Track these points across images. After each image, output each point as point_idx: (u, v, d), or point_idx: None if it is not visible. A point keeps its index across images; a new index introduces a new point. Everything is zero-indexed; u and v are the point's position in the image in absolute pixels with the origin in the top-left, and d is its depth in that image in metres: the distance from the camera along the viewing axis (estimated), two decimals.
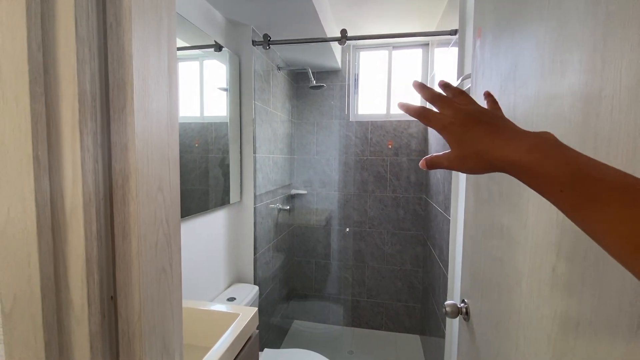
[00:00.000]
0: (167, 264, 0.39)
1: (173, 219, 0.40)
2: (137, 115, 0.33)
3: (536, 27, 0.57)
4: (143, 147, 0.34)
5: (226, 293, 1.51)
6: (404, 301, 2.40)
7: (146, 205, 0.35)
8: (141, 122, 0.34)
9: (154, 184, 0.36)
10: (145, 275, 0.35)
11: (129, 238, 0.34)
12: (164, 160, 0.37)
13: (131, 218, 0.34)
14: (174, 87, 0.40)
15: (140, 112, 0.34)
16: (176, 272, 0.41)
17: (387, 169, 2.36)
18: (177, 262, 0.41)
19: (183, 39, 1.32)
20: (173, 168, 0.40)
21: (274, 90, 1.97)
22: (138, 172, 0.34)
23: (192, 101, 1.44)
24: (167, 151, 0.38)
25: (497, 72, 0.73)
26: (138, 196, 0.34)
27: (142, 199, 0.34)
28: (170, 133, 0.39)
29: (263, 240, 1.83)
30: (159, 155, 0.36)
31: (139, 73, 0.33)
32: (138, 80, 0.33)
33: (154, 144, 0.36)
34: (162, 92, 0.37)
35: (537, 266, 0.55)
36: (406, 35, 1.54)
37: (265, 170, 1.84)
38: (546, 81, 0.53)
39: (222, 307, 0.95)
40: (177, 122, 0.41)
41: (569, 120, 0.47)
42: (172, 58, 0.39)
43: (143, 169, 0.34)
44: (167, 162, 0.38)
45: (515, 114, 0.64)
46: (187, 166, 1.40)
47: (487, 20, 0.81)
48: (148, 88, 0.35)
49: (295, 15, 1.49)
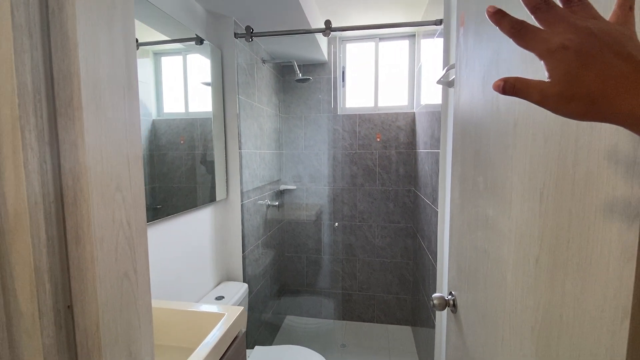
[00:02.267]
0: (131, 269, 0.36)
1: (136, 220, 0.37)
2: (86, 110, 0.30)
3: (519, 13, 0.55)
4: (95, 143, 0.31)
5: (214, 292, 1.49)
6: (395, 293, 2.42)
7: (102, 206, 0.32)
8: (92, 117, 0.31)
9: (110, 184, 0.33)
10: (103, 281, 0.33)
11: (82, 243, 0.31)
12: (122, 157, 0.35)
13: (84, 221, 0.31)
14: (133, 78, 0.37)
15: (90, 105, 0.31)
16: (142, 276, 0.39)
17: (375, 162, 2.35)
18: (143, 266, 0.39)
19: (163, 32, 1.28)
20: (134, 165, 0.37)
21: (259, 84, 1.93)
22: (90, 171, 0.31)
23: (177, 97, 1.40)
24: (125, 147, 0.35)
25: (480, 61, 0.72)
26: (91, 197, 0.31)
27: (97, 200, 0.32)
28: (129, 128, 0.36)
29: (252, 237, 1.80)
30: (115, 152, 0.34)
31: (86, 63, 0.30)
32: (86, 70, 0.30)
33: (109, 140, 0.33)
34: (118, 84, 0.34)
35: (521, 257, 0.54)
36: (391, 26, 1.51)
37: (252, 166, 1.80)
38: (528, 67, 0.52)
39: (207, 308, 0.93)
40: (138, 117, 0.38)
41: None
42: (130, 46, 0.36)
43: (96, 167, 0.31)
44: (125, 160, 0.35)
45: (499, 104, 0.62)
46: (173, 163, 1.36)
47: (470, 7, 0.79)
48: (99, 79, 0.32)
49: (278, 5, 1.45)
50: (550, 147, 0.46)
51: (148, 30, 1.21)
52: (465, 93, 0.82)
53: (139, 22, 1.16)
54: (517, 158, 0.55)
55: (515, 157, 0.56)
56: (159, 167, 1.29)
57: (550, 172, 0.46)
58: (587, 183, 0.38)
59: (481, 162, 0.71)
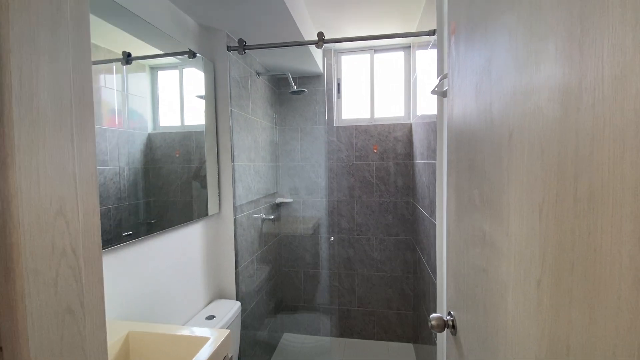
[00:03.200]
0: (76, 303, 0.32)
1: (85, 246, 0.33)
2: (18, 124, 0.27)
3: (508, 17, 0.52)
4: (30, 162, 0.27)
5: (205, 311, 1.43)
6: (396, 309, 2.34)
7: (37, 233, 0.28)
8: (26, 133, 0.27)
9: (49, 208, 0.29)
10: (37, 319, 0.28)
11: (12, 276, 0.27)
12: (67, 177, 0.31)
13: (14, 251, 0.27)
14: (85, 89, 0.33)
15: (24, 119, 0.27)
16: (93, 311, 0.35)
17: (373, 173, 2.32)
18: (94, 298, 0.35)
19: (156, 46, 1.27)
20: (84, 186, 0.33)
21: (254, 97, 1.92)
22: (22, 194, 0.27)
23: (173, 110, 1.39)
24: (71, 166, 0.31)
25: (472, 69, 0.69)
26: (23, 223, 0.27)
27: (31, 227, 0.28)
28: (79, 144, 0.32)
29: (246, 252, 1.75)
30: (56, 172, 0.30)
31: (21, 72, 0.27)
32: (20, 80, 0.27)
33: (49, 157, 0.29)
34: (63, 96, 0.31)
35: (521, 278, 0.49)
36: (384, 37, 1.50)
37: (246, 179, 1.77)
38: (521, 75, 0.48)
39: (191, 331, 0.87)
40: (92, 131, 0.34)
41: (548, 116, 0.42)
42: (83, 55, 0.33)
43: (31, 189, 0.27)
44: (71, 180, 0.31)
45: (492, 114, 0.59)
46: (168, 177, 1.34)
47: (461, 15, 0.77)
48: (38, 90, 0.28)
49: (270, 18, 1.44)
50: (548, 159, 0.42)
51: (141, 44, 1.20)
52: (458, 103, 0.79)
53: (131, 36, 1.15)
54: (514, 171, 0.51)
55: (511, 170, 0.52)
56: (154, 181, 1.26)
57: (549, 186, 0.42)
58: (591, 199, 0.34)
59: (476, 174, 0.67)
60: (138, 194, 1.17)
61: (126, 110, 1.15)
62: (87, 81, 0.34)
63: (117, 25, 1.08)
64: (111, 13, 1.04)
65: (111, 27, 1.07)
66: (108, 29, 1.06)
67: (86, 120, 0.34)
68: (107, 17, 1.03)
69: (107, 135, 1.05)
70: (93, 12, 0.98)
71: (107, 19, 1.04)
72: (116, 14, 1.06)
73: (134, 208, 1.14)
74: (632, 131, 0.29)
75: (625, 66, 0.30)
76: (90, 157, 0.34)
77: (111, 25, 1.07)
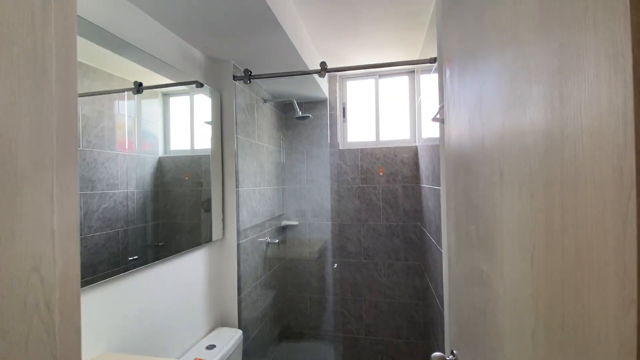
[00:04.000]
0: (48, 358, 0.32)
1: (63, 298, 0.33)
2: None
3: (496, 57, 0.53)
4: (4, 221, 0.28)
5: (206, 340, 1.41)
6: (405, 337, 2.25)
7: (9, 293, 0.29)
8: (2, 191, 0.28)
9: (24, 264, 0.30)
10: None
11: None
12: (43, 232, 0.32)
13: None
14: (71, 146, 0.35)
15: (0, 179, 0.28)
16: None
17: (379, 196, 2.30)
18: (71, 349, 0.34)
19: (166, 76, 1.33)
20: (63, 238, 0.34)
21: (260, 122, 1.96)
22: None
23: (184, 134, 1.44)
24: (49, 220, 0.32)
25: (465, 104, 0.69)
26: None
27: (2, 287, 0.28)
28: (58, 197, 0.33)
29: (249, 278, 1.74)
30: (33, 228, 0.31)
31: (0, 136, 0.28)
32: None
33: (25, 215, 0.30)
34: (44, 153, 0.32)
35: (516, 326, 0.47)
36: (387, 65, 1.53)
37: (251, 204, 1.78)
38: (509, 115, 0.48)
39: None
40: (75, 184, 0.35)
41: (534, 161, 0.41)
42: (69, 112, 0.34)
43: (3, 248, 0.28)
44: (48, 234, 0.32)
45: (484, 149, 0.58)
46: (177, 200, 1.36)
47: (454, 49, 0.78)
48: (17, 152, 0.29)
49: (274, 50, 1.49)
50: (537, 205, 0.41)
51: (153, 74, 1.26)
52: (454, 134, 0.79)
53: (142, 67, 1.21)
54: (505, 211, 0.50)
55: (503, 210, 0.51)
56: (163, 204, 1.28)
57: (539, 234, 0.40)
58: (577, 254, 0.33)
59: (472, 209, 0.66)
60: (147, 217, 1.19)
61: (139, 134, 1.19)
62: (72, 138, 0.35)
63: (128, 57, 1.13)
64: (120, 48, 1.10)
65: (123, 58, 1.12)
66: (121, 59, 1.11)
67: (69, 174, 0.34)
68: (117, 50, 1.08)
69: (119, 159, 1.07)
70: (103, 46, 1.03)
71: (118, 52, 1.09)
72: (125, 49, 1.11)
73: (142, 231, 1.16)
74: (611, 190, 0.28)
75: (602, 122, 0.29)
76: (72, 209, 0.34)
77: (126, 59, 1.12)
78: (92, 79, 1.01)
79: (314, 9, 1.47)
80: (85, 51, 0.98)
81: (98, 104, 1.02)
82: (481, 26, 0.59)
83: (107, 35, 1.03)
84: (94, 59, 1.01)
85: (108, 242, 1.02)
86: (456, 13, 0.76)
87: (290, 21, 1.41)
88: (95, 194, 0.98)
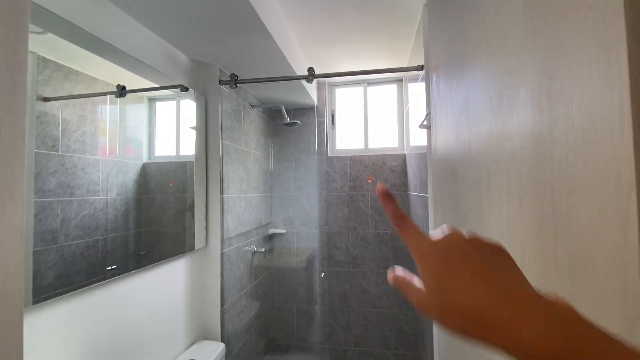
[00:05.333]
0: None
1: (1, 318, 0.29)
2: None
3: (483, 61, 0.51)
4: None
5: (186, 355, 1.34)
6: (394, 348, 2.21)
7: None
8: None
9: None
10: None
11: None
12: None
13: None
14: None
15: None
16: None
17: (368, 204, 2.27)
18: None
19: (150, 80, 1.28)
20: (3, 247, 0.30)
21: (247, 128, 1.92)
22: None
23: (169, 140, 1.40)
24: None
25: (451, 108, 0.67)
26: None
27: None
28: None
29: (233, 288, 1.67)
30: None
31: None
32: None
33: None
34: None
35: None
36: (375, 72, 1.53)
37: (236, 211, 1.73)
38: (496, 118, 0.46)
39: None
40: (21, 184, 0.31)
41: (523, 164, 0.39)
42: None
43: None
44: None
45: (470, 155, 0.56)
46: (161, 207, 1.31)
47: (441, 55, 0.77)
48: None
49: (261, 54, 1.47)
50: (527, 212, 0.39)
51: (137, 78, 1.22)
52: (441, 140, 0.77)
53: (126, 70, 1.17)
54: (493, 219, 0.48)
55: (491, 218, 0.49)
56: (146, 211, 1.24)
57: (529, 241, 0.38)
58: (572, 263, 0.31)
59: (460, 216, 0.64)
60: (129, 225, 1.14)
61: (122, 140, 1.14)
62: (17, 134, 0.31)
63: (112, 60, 1.09)
64: (102, 50, 1.06)
65: (106, 61, 1.08)
66: (104, 62, 1.07)
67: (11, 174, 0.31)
68: (99, 53, 1.05)
69: (101, 165, 1.03)
70: (86, 48, 1.00)
71: (102, 55, 1.05)
72: (107, 51, 1.08)
73: (124, 239, 1.11)
74: (608, 191, 0.26)
75: (595, 119, 0.27)
76: (14, 213, 0.30)
77: (108, 61, 1.08)
78: (74, 82, 0.97)
79: (301, 13, 1.46)
80: (66, 53, 0.94)
81: (79, 107, 0.98)
82: (466, 30, 0.58)
83: (88, 36, 1.00)
84: (76, 61, 0.97)
85: (86, 250, 0.97)
86: (442, 20, 0.76)
87: (278, 25, 1.39)
88: (74, 201, 0.93)
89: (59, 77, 0.94)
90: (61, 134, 0.91)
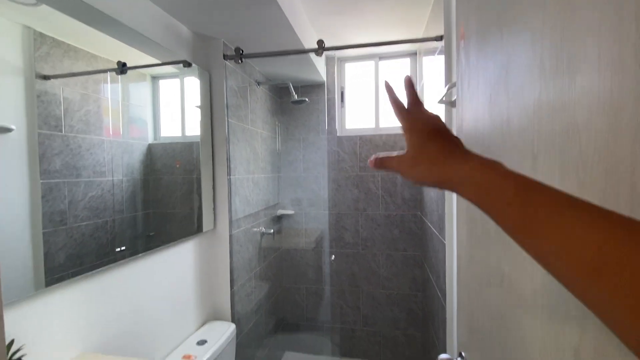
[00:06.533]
0: None
1: None
2: None
3: (532, 19, 0.43)
4: None
5: (197, 335, 1.34)
6: (403, 329, 2.21)
7: None
8: None
9: None
10: None
11: None
12: None
13: None
14: None
15: None
16: None
17: (378, 185, 2.22)
18: None
19: (152, 55, 1.22)
20: None
21: (253, 106, 1.85)
22: None
23: (174, 120, 1.35)
24: None
25: (484, 79, 0.59)
26: None
27: None
28: None
29: (243, 270, 1.66)
30: None
31: None
32: None
33: None
34: None
35: (551, 340, 0.39)
36: (389, 44, 1.42)
37: (244, 192, 1.69)
38: (549, 86, 0.39)
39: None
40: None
41: (585, 141, 0.33)
42: None
43: None
44: None
45: (511, 130, 0.49)
46: (168, 188, 1.30)
47: (471, 18, 0.68)
48: None
49: (268, 26, 1.38)
50: (590, 197, 0.32)
51: (139, 53, 1.16)
52: (468, 116, 0.70)
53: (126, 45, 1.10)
54: None
55: None
56: (154, 193, 1.22)
57: None
58: None
59: None
60: (137, 206, 1.13)
61: (127, 119, 1.10)
62: None
63: (111, 34, 1.04)
64: (102, 23, 1.00)
65: (108, 36, 1.03)
66: (104, 38, 1.01)
67: None
68: (99, 26, 0.99)
69: (106, 146, 1.01)
70: (83, 21, 0.94)
71: (100, 29, 1.00)
72: (106, 24, 1.02)
73: (132, 220, 1.11)
74: None
75: None
76: None
77: (107, 35, 1.03)
78: (74, 60, 0.93)
79: None
80: (63, 28, 0.89)
81: (81, 86, 0.95)
82: None
83: (84, 7, 0.93)
84: (75, 37, 0.92)
85: (96, 232, 0.97)
86: None
87: None
88: (81, 182, 0.92)
89: (57, 54, 0.89)
90: (64, 114, 0.88)
